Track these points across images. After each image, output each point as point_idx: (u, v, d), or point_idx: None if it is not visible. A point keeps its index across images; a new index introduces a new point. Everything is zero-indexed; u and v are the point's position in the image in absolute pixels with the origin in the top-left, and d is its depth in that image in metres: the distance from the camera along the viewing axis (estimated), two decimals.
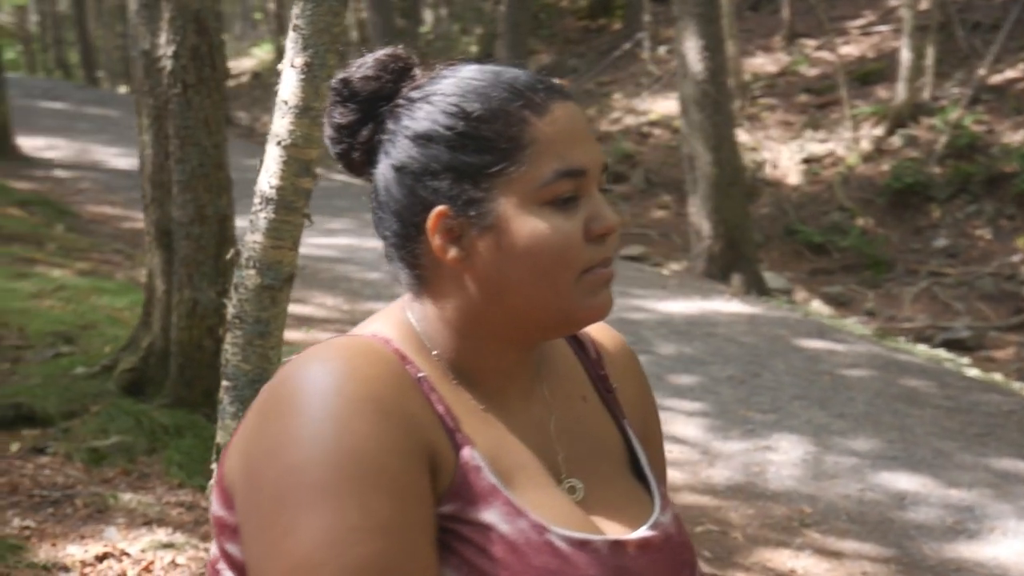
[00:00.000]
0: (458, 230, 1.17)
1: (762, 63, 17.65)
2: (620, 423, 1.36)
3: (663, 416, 5.44)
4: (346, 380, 1.09)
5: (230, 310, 3.11)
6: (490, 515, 1.12)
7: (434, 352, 1.21)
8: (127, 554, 3.58)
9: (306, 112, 2.62)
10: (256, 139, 21.00)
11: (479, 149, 1.15)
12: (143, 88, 4.69)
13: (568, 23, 22.83)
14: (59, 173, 13.12)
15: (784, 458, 5.85)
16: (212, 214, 4.51)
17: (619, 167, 15.87)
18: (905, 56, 14.46)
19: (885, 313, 11.75)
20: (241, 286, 3.10)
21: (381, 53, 1.25)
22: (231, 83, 29.90)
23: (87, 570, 3.46)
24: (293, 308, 8.15)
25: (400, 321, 1.24)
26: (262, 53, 28.71)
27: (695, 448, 5.98)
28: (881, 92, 15.53)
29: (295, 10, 3.10)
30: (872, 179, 14.10)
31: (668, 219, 14.36)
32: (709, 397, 6.75)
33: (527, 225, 1.15)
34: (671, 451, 5.88)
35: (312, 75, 2.86)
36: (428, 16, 27.28)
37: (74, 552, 3.57)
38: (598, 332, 1.42)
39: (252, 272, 3.08)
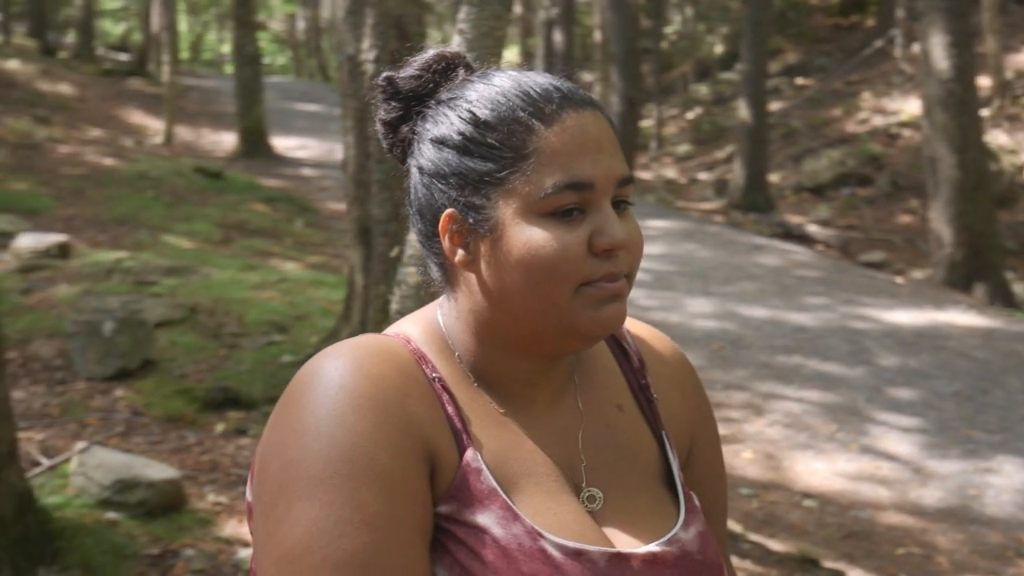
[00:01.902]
0: (465, 234, 1.17)
1: None
2: (659, 434, 1.32)
3: (875, 431, 5.16)
4: (350, 377, 1.11)
5: (393, 306, 3.21)
6: (485, 518, 1.11)
7: (456, 353, 1.22)
8: None
9: None
10: None
11: (483, 156, 1.15)
12: (347, 91, 4.88)
13: (817, 20, 22.11)
14: (306, 171, 13.89)
15: (1006, 482, 5.46)
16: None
17: (864, 170, 15.24)
18: None
19: None
20: (403, 283, 3.20)
21: (430, 53, 1.27)
22: None
23: None
24: None
25: (429, 321, 1.25)
26: (510, 56, 29.33)
27: (907, 466, 5.67)
28: None
29: (460, 14, 3.17)
30: None
31: (915, 225, 13.65)
32: (930, 413, 6.38)
33: (523, 235, 1.13)
34: (880, 467, 5.61)
35: None
36: (675, 16, 27.07)
37: None
38: (650, 340, 1.38)
39: (412, 270, 3.17)
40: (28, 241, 7.31)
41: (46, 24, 23.94)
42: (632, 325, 1.38)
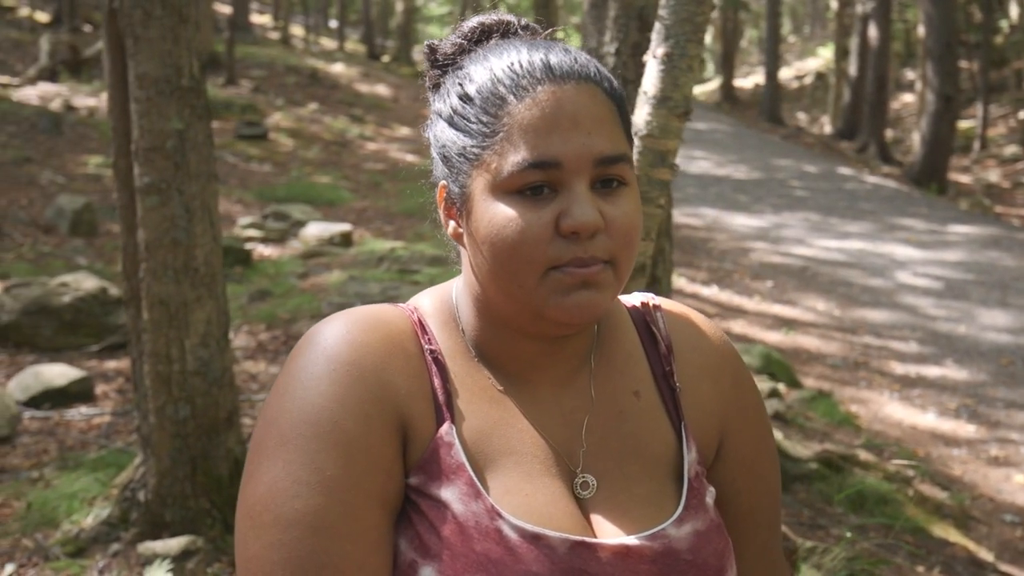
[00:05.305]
0: (452, 207, 1.16)
1: None
2: (677, 425, 1.23)
3: None
4: (334, 343, 1.12)
5: None
6: (448, 493, 1.09)
7: (460, 327, 1.20)
8: None
9: (664, 103, 2.56)
10: (803, 141, 20.78)
11: (464, 130, 1.13)
12: None
13: None
14: None
15: None
16: None
17: None
18: None
19: None
20: None
21: (472, 21, 1.25)
22: (794, 84, 29.86)
23: None
24: (779, 310, 8.02)
25: (444, 293, 1.24)
26: (827, 53, 28.35)
27: None
28: None
29: (662, 0, 3.09)
30: None
31: None
32: None
33: (488, 212, 1.10)
34: None
35: (672, 65, 2.81)
36: (1012, 8, 25.17)
37: None
38: (690, 327, 1.29)
39: None
40: (315, 230, 7.85)
41: (374, 30, 25.60)
42: (675, 310, 1.31)
